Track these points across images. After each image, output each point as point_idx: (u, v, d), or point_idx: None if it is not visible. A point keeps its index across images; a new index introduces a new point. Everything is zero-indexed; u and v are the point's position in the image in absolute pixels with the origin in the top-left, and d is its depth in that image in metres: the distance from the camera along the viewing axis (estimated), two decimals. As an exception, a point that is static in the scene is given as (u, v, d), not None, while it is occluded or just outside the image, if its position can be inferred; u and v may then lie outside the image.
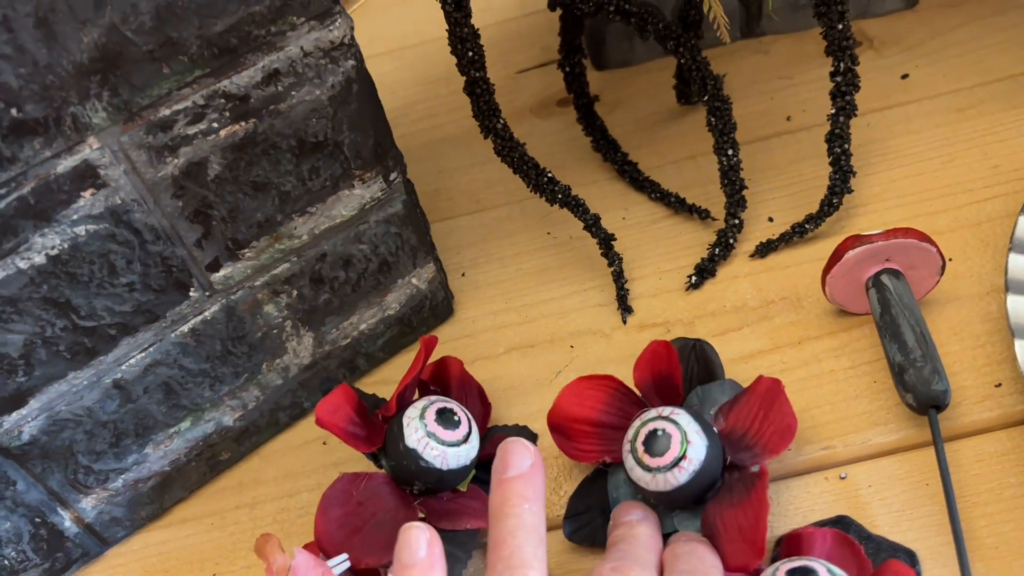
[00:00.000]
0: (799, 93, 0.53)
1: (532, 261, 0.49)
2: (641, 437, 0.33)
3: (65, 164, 0.31)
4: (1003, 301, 0.38)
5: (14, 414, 0.35)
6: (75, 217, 0.33)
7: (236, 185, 0.36)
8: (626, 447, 0.34)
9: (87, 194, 0.32)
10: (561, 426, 0.37)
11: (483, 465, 0.38)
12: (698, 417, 0.34)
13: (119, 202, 0.33)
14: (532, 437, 0.41)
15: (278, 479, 0.42)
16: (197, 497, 0.42)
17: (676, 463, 0.33)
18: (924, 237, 0.38)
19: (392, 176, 0.40)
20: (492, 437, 0.40)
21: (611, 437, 0.36)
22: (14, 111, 0.30)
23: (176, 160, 0.34)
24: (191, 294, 0.37)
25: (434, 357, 0.41)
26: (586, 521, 0.36)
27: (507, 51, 0.63)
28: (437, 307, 0.46)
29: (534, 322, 0.46)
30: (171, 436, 0.40)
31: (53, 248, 0.33)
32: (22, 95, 0.29)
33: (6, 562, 0.38)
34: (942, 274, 0.39)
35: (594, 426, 0.36)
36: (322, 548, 0.34)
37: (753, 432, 0.35)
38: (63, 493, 0.38)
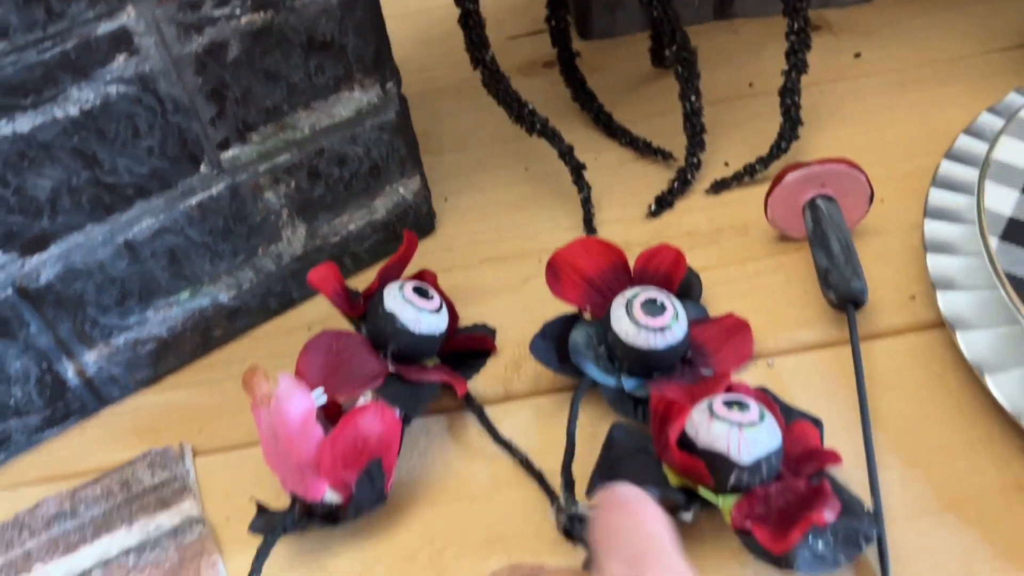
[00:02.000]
0: (762, 65, 0.59)
1: (510, 191, 0.53)
2: (641, 299, 0.38)
3: (105, 27, 0.36)
4: (921, 226, 0.43)
5: (35, 257, 0.39)
6: (108, 77, 0.37)
7: (251, 70, 0.40)
8: (619, 302, 0.38)
9: (121, 58, 0.37)
10: (558, 268, 0.41)
11: (449, 355, 0.43)
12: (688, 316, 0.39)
13: (147, 70, 0.38)
14: (492, 332, 0.45)
15: (265, 358, 0.46)
16: (189, 369, 0.46)
17: (662, 330, 0.37)
18: (855, 166, 0.43)
19: (388, 85, 0.45)
20: (457, 336, 0.44)
21: (591, 295, 0.41)
22: (67, -29, 0.34)
23: (201, 39, 0.38)
24: (201, 169, 0.41)
25: (413, 268, 0.46)
26: (548, 346, 0.40)
27: (500, 20, 0.68)
28: (420, 220, 0.50)
29: (507, 241, 0.50)
30: (171, 304, 0.44)
31: (87, 102, 0.37)
32: (76, -43, 0.34)
33: (12, 401, 0.42)
34: (871, 203, 0.44)
35: (584, 280, 0.41)
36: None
37: (710, 348, 0.40)
38: (70, 343, 0.42)
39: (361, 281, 0.49)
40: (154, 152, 0.40)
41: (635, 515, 0.24)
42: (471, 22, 0.47)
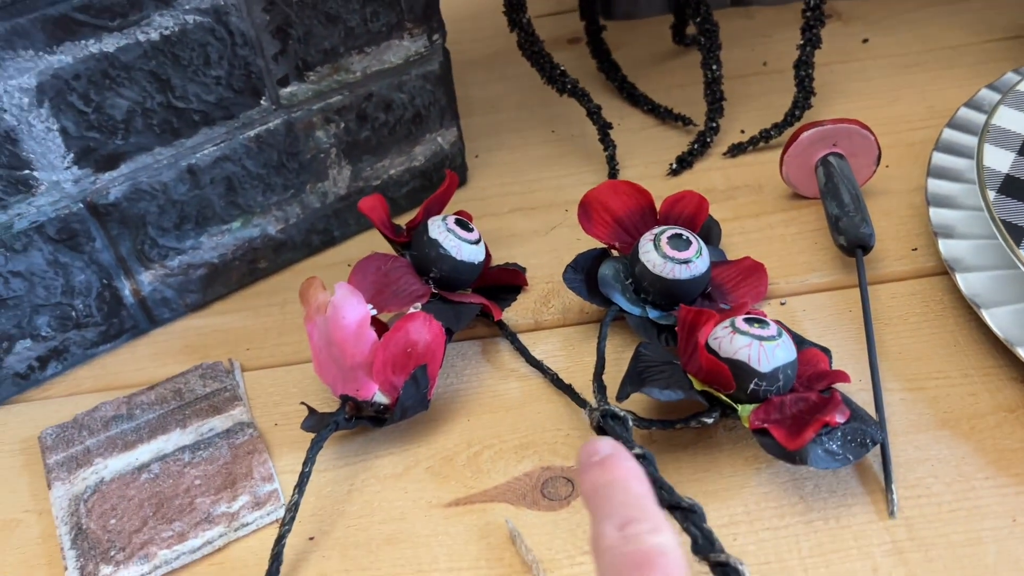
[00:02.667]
0: (776, 47, 0.62)
1: (537, 150, 0.57)
2: (668, 234, 0.41)
3: (187, -40, 0.39)
4: (924, 186, 0.46)
5: (106, 174, 0.42)
6: (187, 7, 0.40)
7: (314, 11, 0.43)
8: (648, 237, 0.42)
9: (200, -11, 0.40)
10: (589, 206, 0.44)
11: (483, 289, 0.46)
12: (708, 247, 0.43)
13: (222, 3, 0.41)
14: (522, 270, 0.48)
15: (306, 289, 0.49)
16: (234, 296, 0.49)
17: (686, 262, 0.41)
18: (865, 126, 0.46)
19: (435, 37, 0.48)
20: (491, 271, 0.47)
21: (619, 233, 0.44)
22: (159, -96, 0.37)
23: (272, -23, 0.42)
24: (262, 102, 0.45)
25: (449, 212, 0.49)
26: (579, 278, 0.43)
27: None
28: (455, 170, 0.53)
29: (535, 192, 0.54)
30: (223, 232, 0.47)
31: (167, 29, 0.40)
32: None
33: (74, 313, 0.45)
34: (878, 164, 0.48)
35: (613, 219, 0.44)
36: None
37: (729, 286, 0.43)
38: (129, 261, 0.45)
39: (400, 223, 0.52)
40: (221, 82, 0.43)
41: (618, 474, 0.25)
42: (511, -15, 0.51)
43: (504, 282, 0.47)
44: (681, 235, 0.42)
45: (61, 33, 0.38)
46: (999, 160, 0.44)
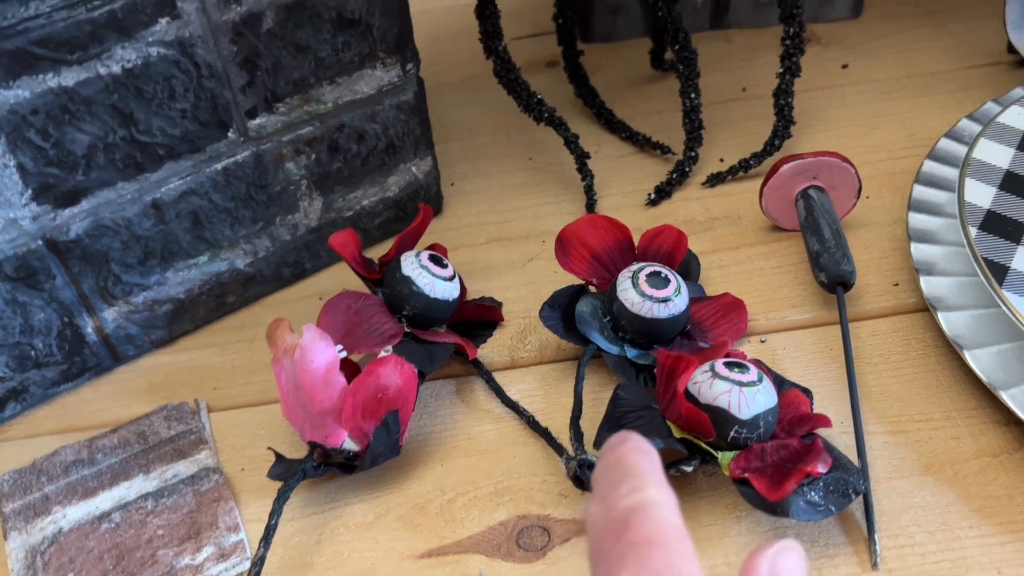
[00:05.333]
0: (755, 71, 0.62)
1: (514, 178, 0.56)
2: (647, 271, 0.40)
3: (150, -9, 0.38)
4: (905, 219, 0.46)
5: (67, 210, 0.41)
6: (151, 39, 0.39)
7: (283, 43, 0.42)
8: (626, 275, 0.41)
9: (164, 21, 0.39)
10: (566, 241, 0.44)
11: (459, 325, 0.45)
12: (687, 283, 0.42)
13: (187, 35, 0.40)
14: (498, 305, 0.47)
15: (276, 324, 0.48)
16: (202, 332, 0.48)
17: (665, 300, 0.40)
18: (845, 159, 0.46)
19: (408, 67, 0.47)
20: (466, 306, 0.46)
21: (597, 269, 0.43)
22: (120, -65, 0.36)
23: (239, 8, 0.40)
24: (229, 135, 0.43)
25: (423, 244, 0.48)
26: (555, 315, 0.42)
27: (504, 23, 0.71)
28: (430, 200, 0.52)
29: (512, 222, 0.53)
30: (190, 266, 0.46)
31: (129, 61, 0.39)
32: (129, -78, 0.36)
33: (33, 352, 0.43)
34: (859, 197, 0.47)
35: (591, 254, 0.43)
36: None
37: (708, 324, 0.42)
38: (92, 298, 0.44)
39: (372, 256, 0.51)
40: (187, 115, 0.41)
41: (617, 453, 0.22)
42: (488, 12, 0.50)
43: (479, 318, 0.46)
44: (660, 272, 0.41)
45: (18, 67, 0.36)
46: (980, 195, 0.43)
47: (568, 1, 0.57)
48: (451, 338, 0.42)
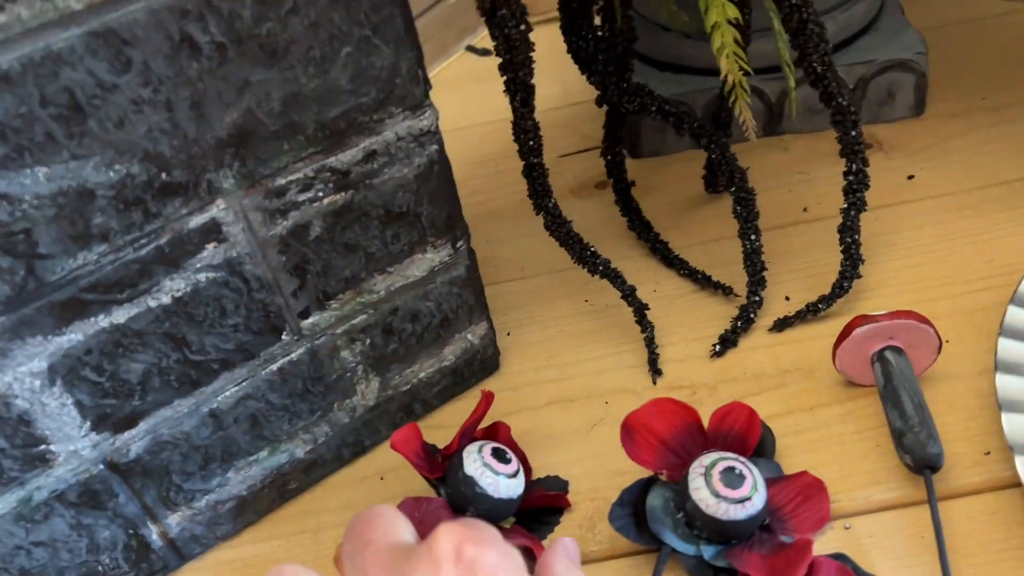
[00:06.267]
0: (815, 187, 0.59)
1: (571, 325, 0.54)
2: (720, 467, 0.39)
3: (196, 220, 0.37)
4: (993, 379, 0.43)
5: (125, 433, 0.40)
6: (199, 265, 0.38)
7: (331, 245, 0.41)
8: (697, 470, 0.39)
9: (210, 246, 0.38)
10: (633, 430, 0.42)
11: (524, 513, 0.43)
12: (764, 476, 0.40)
13: (235, 255, 0.39)
14: (564, 485, 0.45)
15: (339, 509, 0.47)
16: (266, 521, 0.47)
17: (742, 501, 0.38)
18: (923, 319, 0.43)
19: (459, 244, 0.46)
20: (533, 490, 0.45)
21: (666, 457, 0.41)
22: (164, 175, 0.36)
23: (285, 222, 0.40)
24: (283, 337, 0.43)
25: (487, 418, 0.46)
26: (626, 513, 0.41)
27: (551, 137, 0.68)
28: (486, 361, 0.51)
29: (572, 379, 0.51)
30: (251, 463, 0.45)
31: (178, 291, 0.38)
32: (172, 163, 0.36)
33: (100, 568, 0.43)
34: (939, 353, 0.44)
35: (659, 442, 0.41)
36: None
37: (788, 511, 0.40)
38: (155, 508, 0.43)
39: (430, 425, 0.50)
40: (239, 328, 0.41)
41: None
42: (535, 173, 0.49)
43: (545, 504, 0.44)
44: (734, 468, 0.39)
45: (70, 314, 0.36)
46: (1075, 358, 0.41)
47: (616, 138, 0.56)
48: (517, 539, 0.41)
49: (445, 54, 0.82)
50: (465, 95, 0.77)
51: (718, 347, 0.50)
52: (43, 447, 0.38)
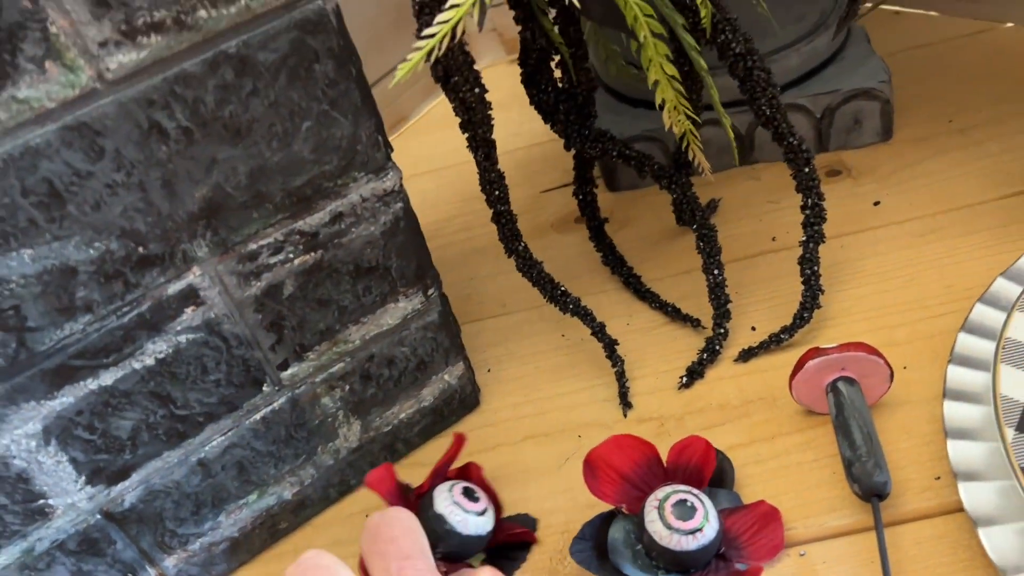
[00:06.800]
0: (784, 216, 0.61)
1: (548, 360, 0.57)
2: (672, 500, 0.41)
3: (174, 287, 0.40)
4: (942, 405, 0.45)
5: (119, 485, 0.43)
6: (179, 328, 0.41)
7: (305, 302, 0.44)
8: (652, 503, 0.41)
9: (189, 310, 0.41)
10: (595, 466, 0.44)
11: (493, 549, 0.46)
12: (716, 507, 0.42)
13: (213, 316, 0.42)
14: (532, 522, 0.48)
15: (328, 546, 0.49)
16: (259, 560, 0.50)
17: (693, 532, 0.40)
18: (873, 351, 0.45)
19: (430, 291, 0.48)
20: (501, 526, 0.47)
21: (627, 491, 0.44)
22: (141, 249, 0.39)
23: (259, 283, 0.42)
24: (264, 388, 0.45)
25: (463, 456, 0.49)
26: (587, 547, 0.43)
27: (533, 173, 0.72)
28: (465, 399, 0.54)
29: (548, 414, 0.53)
30: (240, 507, 0.48)
31: (161, 352, 0.41)
32: (148, 237, 0.39)
33: (102, 610, 0.46)
34: (891, 381, 0.46)
35: (620, 477, 0.44)
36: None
37: (744, 540, 0.42)
38: (151, 553, 0.46)
39: (412, 463, 0.53)
40: (221, 383, 0.44)
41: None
42: (503, 220, 0.51)
43: (512, 540, 0.46)
44: (686, 501, 0.41)
45: (60, 380, 0.39)
46: (1018, 386, 0.42)
47: (586, 178, 0.58)
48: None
49: (435, 92, 0.85)
50: (456, 132, 0.80)
51: (685, 379, 0.52)
52: (42, 501, 0.41)
